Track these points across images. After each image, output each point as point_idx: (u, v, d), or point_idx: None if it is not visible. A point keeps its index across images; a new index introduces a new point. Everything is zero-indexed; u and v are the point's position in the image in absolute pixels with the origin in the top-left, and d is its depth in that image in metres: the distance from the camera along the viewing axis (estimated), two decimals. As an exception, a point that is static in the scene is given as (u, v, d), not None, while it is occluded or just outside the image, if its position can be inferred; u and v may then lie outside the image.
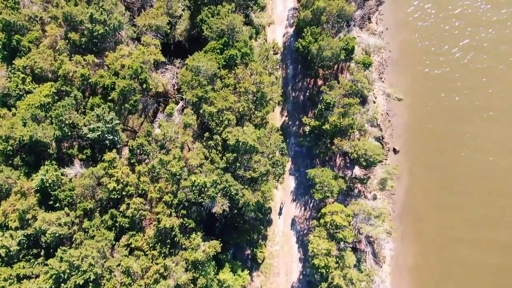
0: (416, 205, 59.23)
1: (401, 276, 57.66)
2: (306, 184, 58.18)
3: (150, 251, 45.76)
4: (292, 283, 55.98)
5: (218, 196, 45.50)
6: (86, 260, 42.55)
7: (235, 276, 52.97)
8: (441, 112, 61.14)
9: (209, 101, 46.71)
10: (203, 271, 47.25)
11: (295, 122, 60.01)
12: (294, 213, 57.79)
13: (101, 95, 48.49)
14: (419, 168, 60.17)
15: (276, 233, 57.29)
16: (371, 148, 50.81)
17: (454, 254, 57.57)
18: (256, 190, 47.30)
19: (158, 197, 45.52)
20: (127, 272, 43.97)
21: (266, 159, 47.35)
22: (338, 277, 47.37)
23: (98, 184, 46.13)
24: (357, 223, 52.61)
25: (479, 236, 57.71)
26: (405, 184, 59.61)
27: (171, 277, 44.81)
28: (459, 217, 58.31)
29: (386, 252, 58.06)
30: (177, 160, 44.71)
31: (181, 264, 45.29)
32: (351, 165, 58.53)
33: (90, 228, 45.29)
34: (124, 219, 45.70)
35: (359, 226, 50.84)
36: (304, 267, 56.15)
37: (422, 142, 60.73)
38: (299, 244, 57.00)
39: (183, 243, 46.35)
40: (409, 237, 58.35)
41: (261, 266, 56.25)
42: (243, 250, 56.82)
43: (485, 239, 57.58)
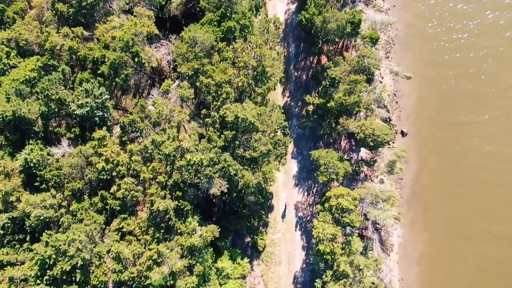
0: (425, 191, 56.14)
1: (409, 265, 54.61)
2: (309, 167, 55.11)
3: (143, 236, 42.69)
4: (295, 272, 52.94)
5: (215, 177, 42.44)
6: (73, 244, 39.55)
7: (234, 264, 50.04)
8: (451, 93, 57.94)
9: (207, 74, 43.58)
10: (200, 258, 44.27)
11: (297, 103, 56.91)
12: (297, 199, 54.70)
13: (90, 70, 45.41)
14: (428, 151, 57.03)
15: (277, 220, 54.22)
16: (379, 128, 47.70)
17: (465, 245, 54.36)
18: (257, 171, 44.22)
19: (151, 177, 42.45)
20: (117, 258, 40.96)
21: (267, 138, 44.26)
22: (344, 263, 44.28)
23: (88, 164, 43.11)
24: (363, 208, 49.48)
25: (491, 229, 54.38)
26: (414, 168, 56.51)
27: (165, 264, 41.80)
28: (469, 207, 55.05)
29: (394, 240, 55.03)
30: (172, 140, 41.66)
31: (176, 250, 42.26)
32: (357, 147, 55.42)
33: (78, 211, 42.28)
34: (115, 201, 42.65)
35: (366, 211, 47.72)
36: (307, 255, 53.09)
37: (431, 124, 57.57)
38: (302, 231, 53.93)
39: (178, 228, 43.33)
40: (418, 224, 55.27)
41: (262, 254, 53.18)
42: (243, 237, 53.77)
43: (496, 232, 54.33)
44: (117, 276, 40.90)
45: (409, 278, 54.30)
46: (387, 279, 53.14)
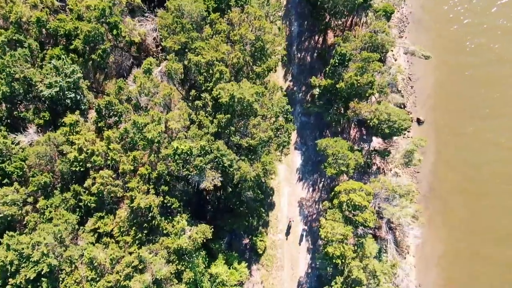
0: (443, 186, 50.07)
1: (427, 268, 48.51)
2: (314, 160, 48.98)
3: (122, 238, 36.62)
4: (299, 278, 46.79)
5: (207, 168, 36.32)
6: (38, 248, 33.43)
7: (231, 270, 43.76)
8: (472, 81, 51.73)
9: (196, 52, 37.48)
10: (190, 263, 38.13)
11: (301, 88, 50.77)
12: (301, 195, 48.56)
13: (63, 46, 39.31)
14: (447, 143, 50.94)
15: (279, 219, 48.07)
16: (395, 113, 41.65)
17: (487, 246, 48.28)
18: (255, 162, 38.12)
19: (132, 169, 36.29)
20: (91, 264, 34.79)
21: (267, 123, 38.21)
22: (357, 269, 38.16)
23: (59, 154, 37.02)
24: (376, 205, 43.38)
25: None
26: (431, 160, 50.43)
27: (148, 271, 35.71)
28: (492, 205, 49.00)
29: (410, 241, 48.88)
30: (156, 123, 35.55)
31: (161, 254, 36.17)
32: (368, 137, 49.35)
33: (47, 209, 36.16)
34: (90, 197, 36.56)
35: (381, 208, 41.62)
36: (313, 259, 46.95)
37: (449, 112, 51.45)
38: (306, 232, 47.77)
39: (164, 228, 37.20)
40: (437, 222, 49.19)
41: (262, 257, 47.03)
42: (241, 239, 47.65)
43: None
44: (90, 285, 34.76)
45: (428, 284, 48.19)
46: (403, 285, 47.01)
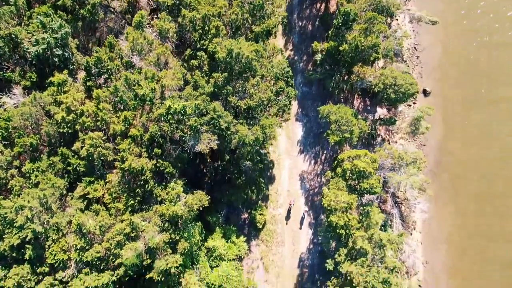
0: (451, 160, 47.92)
1: (435, 245, 46.36)
2: (316, 131, 46.88)
3: (113, 204, 34.50)
4: (300, 254, 44.66)
5: (203, 130, 34.26)
6: (22, 213, 31.30)
7: (229, 243, 41.73)
8: (482, 47, 49.64)
9: (191, 6, 35.39)
10: (185, 233, 36.02)
11: (302, 58, 48.67)
12: (302, 168, 46.44)
13: (50, 4, 37.21)
14: (454, 113, 48.81)
15: (279, 192, 45.94)
16: (402, 77, 39.57)
17: (497, 224, 46.04)
18: (254, 125, 36.03)
19: (123, 130, 34.17)
20: (80, 232, 32.64)
21: (267, 84, 36.13)
22: (362, 239, 35.99)
23: (46, 115, 34.92)
24: (382, 177, 41.13)
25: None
26: (438, 133, 48.29)
27: (140, 239, 33.61)
28: (502, 178, 46.83)
29: (417, 216, 46.80)
30: (149, 80, 33.51)
31: (154, 221, 34.06)
32: (373, 107, 47.24)
33: (33, 173, 33.96)
34: (79, 161, 34.46)
35: (387, 177, 39.43)
36: (314, 234, 44.83)
37: (457, 82, 49.36)
38: (308, 206, 45.66)
39: (158, 194, 35.12)
40: (444, 197, 47.05)
41: (262, 233, 44.91)
42: (239, 213, 45.56)
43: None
44: (78, 255, 32.59)
45: (435, 261, 46.02)
46: (410, 261, 44.97)
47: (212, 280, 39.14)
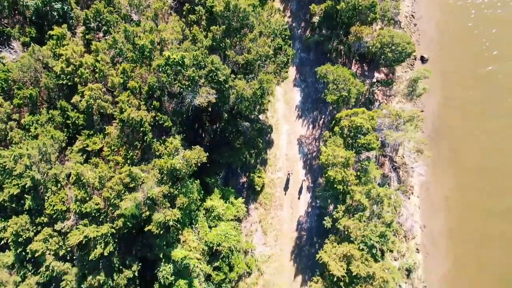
0: (450, 126, 48.01)
1: (432, 210, 46.51)
2: (314, 97, 47.11)
3: (112, 157, 34.71)
4: (299, 218, 44.88)
5: (201, 83, 34.49)
6: (21, 161, 31.52)
7: (227, 204, 41.94)
8: (481, 15, 49.81)
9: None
10: (183, 188, 36.25)
11: (300, 24, 48.90)
12: (300, 133, 46.66)
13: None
14: (452, 80, 48.89)
15: (278, 157, 46.15)
16: (399, 35, 39.83)
17: (496, 189, 46.10)
18: (252, 79, 36.25)
19: (122, 83, 34.39)
20: (79, 183, 32.79)
21: (265, 39, 36.33)
22: (360, 194, 36.25)
23: (46, 69, 35.14)
24: (380, 139, 41.27)
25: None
26: (436, 100, 48.44)
27: (139, 190, 33.82)
28: (501, 142, 46.98)
29: (415, 181, 47.01)
30: (148, 33, 33.75)
31: (153, 173, 34.29)
32: (370, 73, 47.42)
33: (32, 125, 34.24)
34: (78, 114, 34.70)
35: (384, 135, 39.58)
36: (313, 198, 45.05)
37: (455, 50, 49.46)
38: (306, 170, 45.87)
39: (157, 149, 35.35)
40: (442, 163, 47.17)
41: (260, 196, 45.11)
42: (238, 177, 45.76)
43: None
44: (77, 206, 32.78)
45: (433, 226, 46.18)
46: (408, 225, 45.22)
47: (211, 238, 39.39)
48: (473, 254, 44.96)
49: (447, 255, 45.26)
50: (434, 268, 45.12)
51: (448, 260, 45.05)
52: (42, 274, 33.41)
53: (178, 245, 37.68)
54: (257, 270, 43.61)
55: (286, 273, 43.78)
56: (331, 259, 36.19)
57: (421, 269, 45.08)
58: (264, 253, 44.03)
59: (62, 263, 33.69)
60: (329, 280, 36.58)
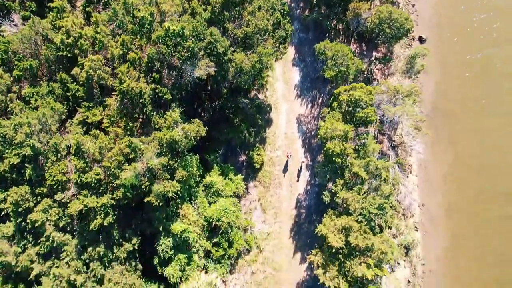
0: (448, 105, 48.18)
1: (431, 188, 46.65)
2: (313, 76, 47.33)
3: (112, 128, 34.93)
4: (298, 196, 45.08)
5: (200, 55, 34.71)
6: (21, 130, 31.72)
7: (226, 180, 42.16)
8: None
9: None
10: (182, 161, 36.47)
11: (298, 5, 49.12)
12: (299, 112, 46.87)
13: None
14: (450, 60, 49.04)
15: (277, 135, 46.35)
16: (397, 11, 40.07)
17: (495, 168, 46.32)
18: (251, 53, 36.46)
19: (122, 55, 34.60)
20: (79, 153, 33.01)
21: (263, 13, 36.55)
22: (358, 167, 36.45)
23: (46, 41, 35.31)
24: (378, 116, 41.44)
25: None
26: (434, 79, 48.61)
27: (139, 161, 34.03)
28: (499, 121, 47.21)
29: (413, 160, 47.20)
30: (148, 4, 33.98)
31: (153, 145, 34.49)
32: (369, 53, 47.59)
33: (33, 97, 34.46)
34: (78, 86, 34.91)
35: (383, 110, 39.73)
36: (311, 176, 45.27)
37: (454, 30, 49.64)
38: (305, 148, 46.08)
39: (156, 122, 35.59)
40: (441, 141, 47.35)
41: (259, 174, 45.31)
42: (237, 156, 45.96)
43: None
44: (78, 176, 32.98)
45: (431, 204, 46.36)
46: (406, 202, 45.45)
47: (210, 214, 39.63)
48: (472, 233, 45.13)
49: (445, 234, 45.45)
50: (432, 246, 45.32)
51: (446, 238, 45.24)
52: (42, 245, 33.62)
53: (177, 219, 37.93)
54: (256, 248, 43.82)
55: (285, 250, 43.99)
56: (330, 232, 36.37)
57: (419, 247, 45.26)
58: (263, 230, 44.25)
59: (62, 234, 33.86)
60: (327, 253, 36.78)
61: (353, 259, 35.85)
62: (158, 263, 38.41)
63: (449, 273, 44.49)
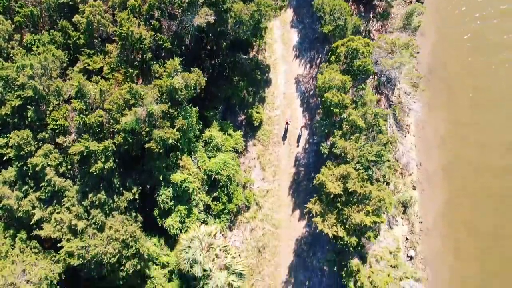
0: (445, 66, 48.70)
1: (428, 148, 47.03)
2: (311, 37, 47.86)
3: (113, 75, 35.36)
4: (297, 154, 45.53)
5: (200, 2, 35.19)
6: (24, 72, 32.13)
7: (225, 136, 42.60)
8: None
9: None
10: (182, 111, 36.91)
11: (297, -34, 49.78)
12: (297, 72, 47.37)
13: None
14: (448, 21, 49.63)
15: (276, 95, 46.81)
16: (394, -35, 40.57)
17: (493, 127, 46.83)
18: (250, 1, 36.96)
19: (122, 2, 35.04)
20: (80, 95, 33.39)
21: (262, -36, 37.07)
22: (356, 115, 36.88)
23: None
24: (377, 69, 41.86)
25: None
26: (431, 41, 49.22)
27: (140, 107, 34.44)
28: (498, 80, 47.72)
29: (410, 120, 47.65)
30: (147, -48, 34.48)
31: (154, 92, 34.93)
32: (367, 14, 48.12)
33: (34, 44, 34.87)
34: (79, 33, 35.35)
35: (379, 62, 40.20)
36: (310, 135, 45.72)
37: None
38: (304, 108, 46.54)
39: (156, 71, 36.06)
40: (438, 102, 47.86)
41: (258, 132, 45.75)
42: (236, 115, 46.40)
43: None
44: (80, 118, 33.38)
45: (429, 164, 46.80)
46: (404, 160, 45.91)
47: (210, 166, 40.06)
48: (469, 191, 45.59)
49: (443, 192, 45.88)
50: (430, 204, 45.75)
51: (443, 196, 45.68)
52: (44, 190, 33.91)
53: (177, 171, 38.34)
54: (255, 205, 44.24)
55: (284, 208, 44.41)
56: (328, 180, 36.76)
57: (417, 206, 45.71)
58: (262, 188, 44.68)
59: (63, 179, 34.23)
60: (326, 201, 37.17)
61: (351, 207, 36.25)
62: (158, 215, 38.84)
63: (446, 231, 44.94)
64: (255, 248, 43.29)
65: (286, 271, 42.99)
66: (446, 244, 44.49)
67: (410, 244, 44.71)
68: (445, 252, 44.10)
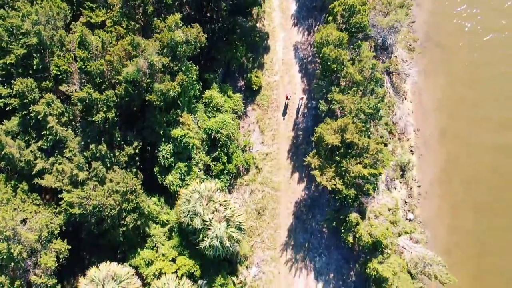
0: (442, 34, 49.65)
1: (425, 114, 47.64)
2: (309, 6, 48.87)
3: (115, 28, 36.11)
4: (296, 119, 46.04)
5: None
6: (28, 20, 32.88)
7: (225, 97, 43.19)
8: None
9: None
10: (182, 66, 37.58)
11: None
12: (296, 39, 48.22)
13: None
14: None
15: (274, 61, 47.57)
16: None
17: (489, 94, 47.58)
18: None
19: (124, -44, 36.04)
20: (83, 44, 34.07)
21: None
22: (354, 70, 37.58)
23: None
24: (374, 33, 42.74)
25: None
26: (427, 9, 50.27)
27: (141, 58, 35.10)
28: (494, 51, 48.69)
29: (407, 87, 48.36)
30: None
31: (155, 44, 35.63)
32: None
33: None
34: (82, -12, 36.32)
35: (375, 21, 41.00)
36: (308, 99, 46.31)
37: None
38: (302, 74, 47.24)
39: (157, 26, 36.82)
40: (434, 69, 48.67)
41: (258, 97, 46.36)
42: (235, 81, 47.04)
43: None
44: (83, 63, 33.94)
45: (426, 130, 47.37)
46: (402, 124, 46.54)
47: (209, 125, 40.60)
48: (465, 157, 46.07)
49: (440, 157, 46.37)
50: (428, 169, 46.20)
51: (441, 162, 46.15)
52: (45, 138, 34.30)
53: (177, 127, 38.79)
54: (255, 167, 44.60)
55: (283, 171, 44.76)
56: (327, 133, 37.24)
57: (415, 170, 46.12)
58: (261, 151, 45.10)
59: (65, 128, 34.70)
60: (324, 155, 37.58)
61: (350, 160, 36.65)
62: (158, 172, 39.12)
63: (444, 195, 45.30)
64: (255, 210, 43.49)
65: (285, 233, 43.13)
66: (443, 207, 44.82)
67: (409, 207, 45.02)
68: (443, 214, 44.42)
